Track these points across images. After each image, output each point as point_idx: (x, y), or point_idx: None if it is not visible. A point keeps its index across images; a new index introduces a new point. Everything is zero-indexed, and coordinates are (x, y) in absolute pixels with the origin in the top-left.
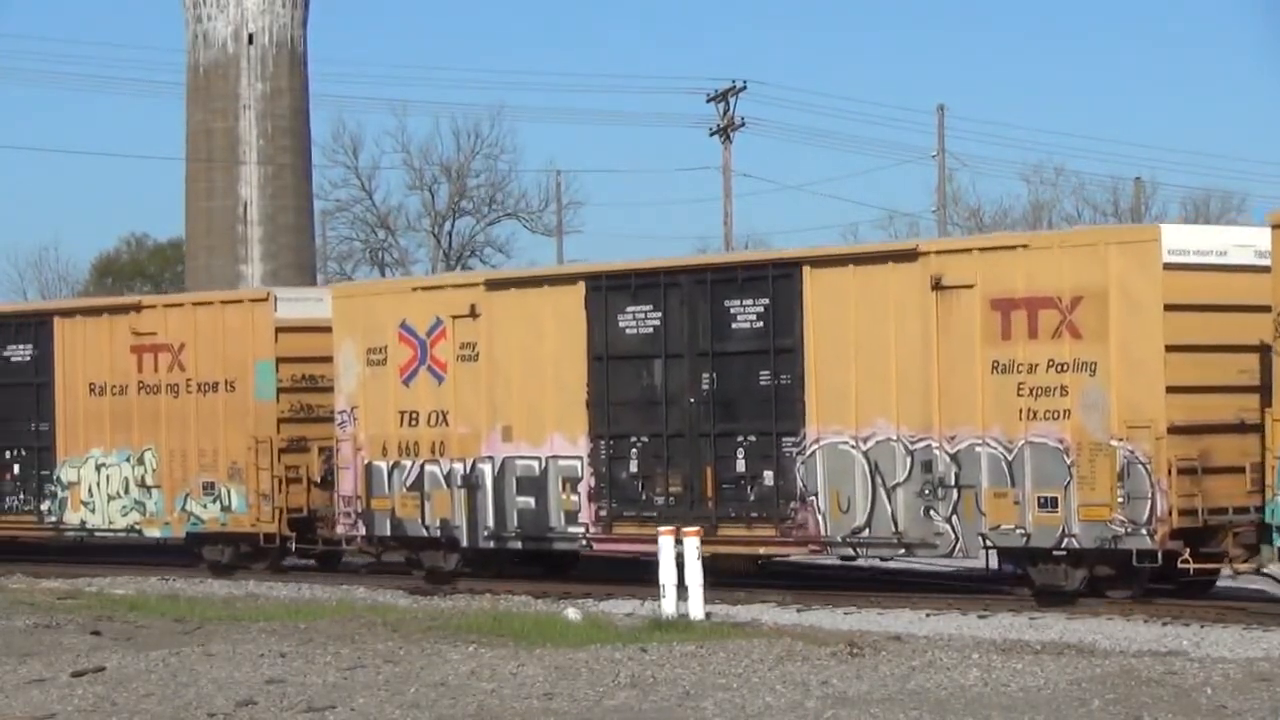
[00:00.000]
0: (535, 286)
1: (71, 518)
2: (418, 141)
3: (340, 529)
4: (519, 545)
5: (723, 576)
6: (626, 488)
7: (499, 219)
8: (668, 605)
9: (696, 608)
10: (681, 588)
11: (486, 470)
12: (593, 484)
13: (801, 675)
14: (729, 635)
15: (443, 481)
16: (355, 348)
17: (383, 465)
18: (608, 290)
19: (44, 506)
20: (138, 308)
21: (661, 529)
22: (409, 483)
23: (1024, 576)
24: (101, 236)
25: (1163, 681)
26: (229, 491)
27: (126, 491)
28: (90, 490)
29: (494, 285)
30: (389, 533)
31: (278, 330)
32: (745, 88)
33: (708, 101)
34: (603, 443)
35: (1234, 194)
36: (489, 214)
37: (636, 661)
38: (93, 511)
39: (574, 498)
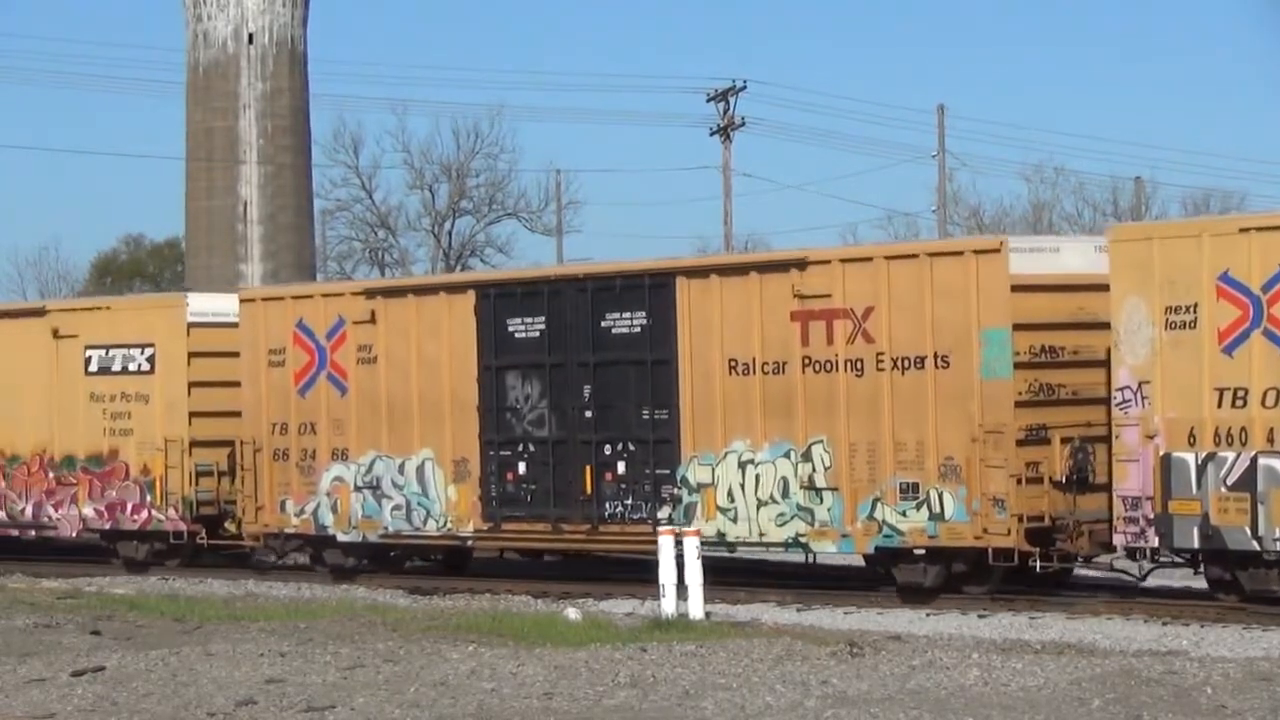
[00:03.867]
0: None
1: (705, 528)
2: (418, 141)
3: (1119, 538)
4: None
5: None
6: None
7: (499, 219)
8: (667, 605)
9: (696, 607)
10: (681, 587)
11: None
12: None
13: (801, 675)
14: (729, 635)
15: None
16: (1146, 306)
17: (1188, 457)
18: None
19: (663, 514)
20: (801, 264)
21: (661, 529)
22: (1232, 480)
23: None
24: (101, 236)
25: (1163, 681)
26: (941, 496)
27: (785, 495)
28: (731, 494)
29: None
30: (1196, 544)
31: (1012, 289)
32: (745, 88)
33: (708, 101)
34: None
35: (1234, 193)
36: (489, 214)
37: (636, 661)
38: (734, 520)
39: None
